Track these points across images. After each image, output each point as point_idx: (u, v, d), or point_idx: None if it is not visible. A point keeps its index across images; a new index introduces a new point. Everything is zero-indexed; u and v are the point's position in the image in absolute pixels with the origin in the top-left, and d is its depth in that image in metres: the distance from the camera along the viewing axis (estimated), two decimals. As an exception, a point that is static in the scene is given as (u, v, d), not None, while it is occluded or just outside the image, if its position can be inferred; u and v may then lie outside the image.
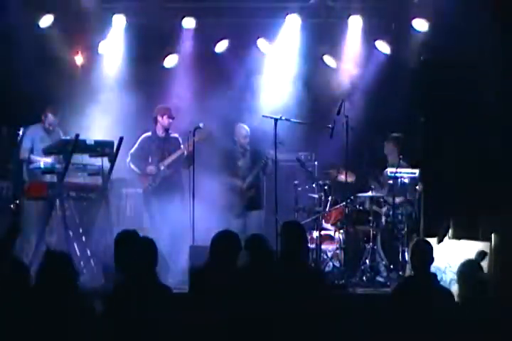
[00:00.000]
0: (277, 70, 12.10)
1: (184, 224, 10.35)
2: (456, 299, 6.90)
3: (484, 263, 8.46)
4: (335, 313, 7.71)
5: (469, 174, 10.72)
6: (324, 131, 10.19)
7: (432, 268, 7.29)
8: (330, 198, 10.53)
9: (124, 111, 11.66)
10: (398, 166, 10.26)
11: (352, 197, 10.26)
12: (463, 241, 8.59)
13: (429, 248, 7.04)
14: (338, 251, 10.28)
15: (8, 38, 11.05)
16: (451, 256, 8.67)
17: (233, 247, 6.93)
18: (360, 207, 10.43)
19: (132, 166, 10.72)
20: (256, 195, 10.91)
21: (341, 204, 10.36)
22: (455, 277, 7.14)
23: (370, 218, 10.22)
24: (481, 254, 8.26)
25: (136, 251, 6.73)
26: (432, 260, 7.03)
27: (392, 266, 10.00)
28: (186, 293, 7.08)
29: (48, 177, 10.03)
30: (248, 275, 6.93)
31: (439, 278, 7.27)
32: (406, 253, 9.25)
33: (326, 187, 10.51)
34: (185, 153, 10.54)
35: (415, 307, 6.83)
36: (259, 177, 10.94)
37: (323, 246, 10.20)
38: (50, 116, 10.65)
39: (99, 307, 6.60)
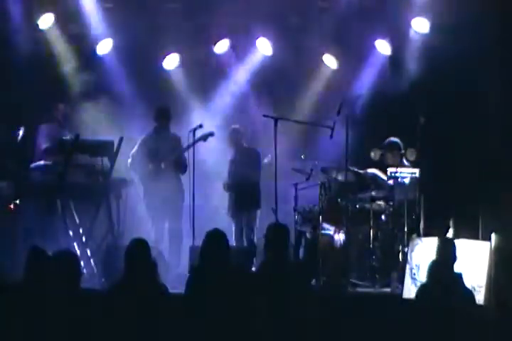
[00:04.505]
0: (277, 70, 12.11)
1: (184, 225, 10.38)
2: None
3: (485, 263, 8.48)
4: (335, 313, 7.76)
5: (469, 174, 10.72)
6: (324, 131, 10.22)
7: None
8: (330, 198, 10.52)
9: (124, 111, 11.68)
10: (399, 166, 10.28)
11: (352, 197, 10.26)
12: (463, 241, 8.59)
13: (454, 247, 7.19)
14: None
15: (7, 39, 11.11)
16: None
17: (222, 247, 6.99)
18: (360, 207, 10.41)
19: (133, 167, 10.73)
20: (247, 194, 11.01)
21: (341, 204, 10.35)
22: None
23: (370, 218, 10.21)
24: None
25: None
26: (455, 259, 7.17)
27: (392, 266, 9.99)
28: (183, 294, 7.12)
29: (48, 177, 10.02)
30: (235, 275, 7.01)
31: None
32: (406, 253, 9.24)
33: (325, 187, 10.50)
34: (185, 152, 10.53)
35: (440, 308, 6.93)
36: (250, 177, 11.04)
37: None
38: (62, 107, 10.55)
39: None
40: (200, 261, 7.03)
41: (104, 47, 11.84)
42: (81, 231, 9.96)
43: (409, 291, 8.68)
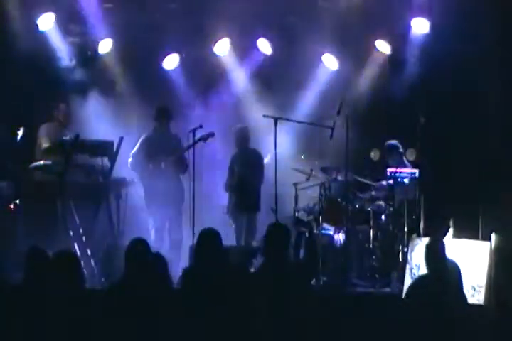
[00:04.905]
0: (277, 70, 12.12)
1: (185, 225, 10.38)
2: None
3: (485, 263, 8.49)
4: (335, 313, 7.75)
5: (469, 174, 10.72)
6: (324, 131, 10.22)
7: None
8: (330, 198, 10.52)
9: (124, 111, 11.68)
10: (400, 166, 10.29)
11: (352, 197, 10.26)
12: (463, 241, 8.59)
13: (443, 247, 7.20)
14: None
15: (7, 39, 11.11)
16: (451, 255, 8.66)
17: (215, 246, 7.00)
18: (360, 207, 10.42)
19: (133, 166, 10.72)
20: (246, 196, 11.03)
21: (341, 204, 10.35)
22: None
23: (370, 218, 10.22)
24: None
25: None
26: (444, 255, 7.20)
27: (392, 266, 9.99)
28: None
29: (48, 177, 10.01)
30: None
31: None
32: (406, 253, 9.25)
33: (325, 187, 10.50)
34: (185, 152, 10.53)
35: (429, 307, 6.94)
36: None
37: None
38: (62, 107, 10.57)
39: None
40: (194, 260, 7.03)
41: (105, 47, 11.83)
42: (81, 231, 9.95)
43: (409, 291, 8.68)
